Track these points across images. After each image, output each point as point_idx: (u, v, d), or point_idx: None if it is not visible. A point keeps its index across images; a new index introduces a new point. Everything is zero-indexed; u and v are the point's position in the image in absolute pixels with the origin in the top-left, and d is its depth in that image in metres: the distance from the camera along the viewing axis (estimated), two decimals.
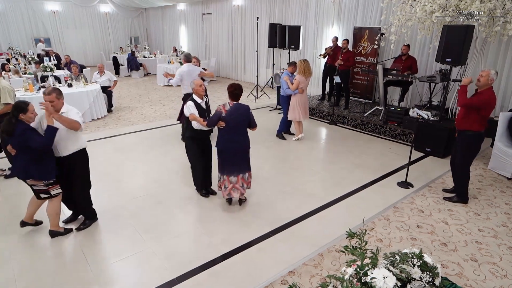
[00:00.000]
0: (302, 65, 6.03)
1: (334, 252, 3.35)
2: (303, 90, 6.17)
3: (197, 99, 4.07)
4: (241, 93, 3.88)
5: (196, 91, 4.09)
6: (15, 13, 15.56)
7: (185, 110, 4.01)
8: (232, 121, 3.79)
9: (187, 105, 4.02)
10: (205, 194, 4.39)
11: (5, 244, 3.46)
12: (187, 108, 4.00)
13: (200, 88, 4.07)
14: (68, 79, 8.04)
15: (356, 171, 5.23)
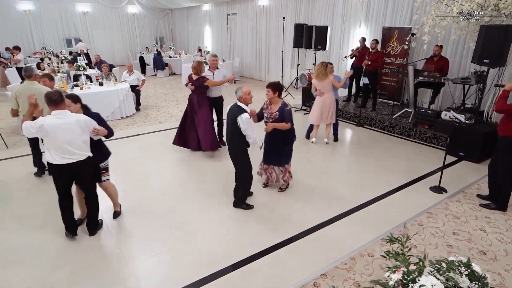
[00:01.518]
0: (316, 68, 5.96)
1: (367, 256, 3.29)
2: (322, 93, 6.00)
3: (246, 108, 3.79)
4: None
5: (244, 99, 3.78)
6: (49, 14, 16.19)
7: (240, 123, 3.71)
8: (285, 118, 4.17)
9: (243, 119, 3.69)
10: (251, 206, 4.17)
11: (42, 237, 3.60)
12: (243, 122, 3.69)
13: (248, 96, 3.79)
14: (99, 78, 8.28)
15: (386, 174, 5.11)
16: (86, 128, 3.27)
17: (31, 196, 4.46)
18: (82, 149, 3.28)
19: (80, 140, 3.24)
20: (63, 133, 3.13)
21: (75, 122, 3.18)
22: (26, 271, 3.09)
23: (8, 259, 3.25)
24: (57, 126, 3.11)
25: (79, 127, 3.21)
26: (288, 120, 4.08)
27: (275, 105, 4.14)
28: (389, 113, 7.68)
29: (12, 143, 6.36)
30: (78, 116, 3.25)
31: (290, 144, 4.34)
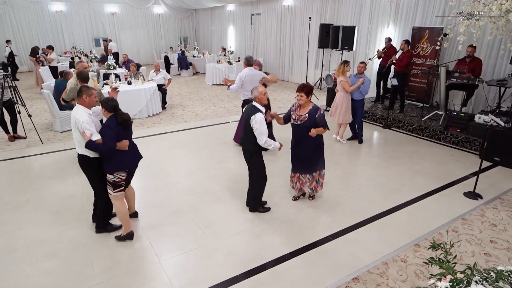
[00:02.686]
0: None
1: (400, 262, 3.21)
2: (337, 90, 6.16)
3: (261, 108, 3.72)
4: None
5: (259, 99, 3.73)
6: (79, 14, 16.76)
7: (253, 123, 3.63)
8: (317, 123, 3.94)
9: (256, 119, 3.60)
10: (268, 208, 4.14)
11: (76, 231, 3.72)
12: (257, 122, 3.60)
13: (264, 96, 3.73)
14: (128, 77, 8.49)
15: (416, 178, 4.98)
16: (77, 126, 3.22)
17: (65, 191, 4.62)
18: (76, 143, 3.35)
19: (75, 135, 3.31)
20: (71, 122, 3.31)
21: (73, 116, 3.25)
22: (61, 264, 3.20)
23: (44, 252, 3.37)
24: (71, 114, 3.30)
25: (74, 123, 3.25)
26: (323, 125, 3.86)
27: (304, 108, 3.89)
28: (417, 115, 7.49)
29: (46, 138, 6.62)
30: (76, 113, 3.23)
31: (318, 151, 4.02)
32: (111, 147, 3.18)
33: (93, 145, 3.14)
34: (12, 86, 6.00)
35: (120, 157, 3.29)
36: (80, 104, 3.28)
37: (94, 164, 3.37)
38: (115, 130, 3.21)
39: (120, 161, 3.30)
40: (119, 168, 3.30)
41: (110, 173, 3.29)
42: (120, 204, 3.45)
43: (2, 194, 4.50)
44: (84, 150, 3.30)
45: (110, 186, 3.35)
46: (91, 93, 3.28)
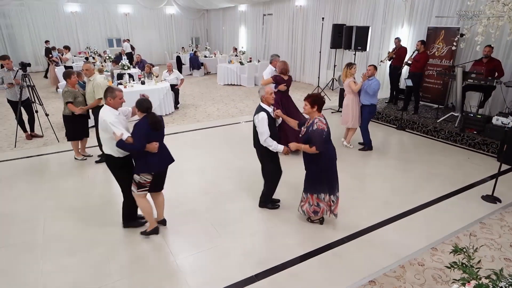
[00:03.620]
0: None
1: (417, 265, 3.17)
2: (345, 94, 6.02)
3: (267, 108, 3.71)
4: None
5: (266, 99, 3.71)
6: (93, 15, 17.02)
7: (256, 122, 3.66)
8: (329, 134, 3.52)
9: (259, 118, 3.63)
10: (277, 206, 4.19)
11: (95, 228, 3.78)
12: (258, 121, 3.62)
13: (270, 96, 3.70)
14: (141, 77, 8.58)
15: (433, 181, 4.91)
16: (103, 127, 3.31)
17: (82, 189, 4.70)
18: (104, 143, 3.42)
19: (102, 135, 3.39)
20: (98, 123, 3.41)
21: (100, 117, 3.32)
22: (80, 261, 3.25)
23: (63, 249, 3.43)
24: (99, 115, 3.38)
25: (100, 122, 3.34)
26: (314, 143, 3.40)
27: (310, 120, 3.58)
28: (432, 116, 7.38)
29: (62, 137, 6.71)
30: (104, 114, 3.30)
31: (313, 171, 3.60)
32: (140, 147, 3.20)
33: (123, 144, 3.18)
34: (30, 85, 6.13)
35: (147, 159, 3.29)
36: (106, 104, 3.35)
37: (119, 163, 3.43)
38: (145, 131, 3.20)
39: (147, 164, 3.29)
40: (145, 170, 3.30)
41: (136, 174, 3.33)
42: (143, 201, 3.48)
43: (21, 192, 4.59)
44: (108, 150, 3.37)
45: (134, 184, 3.39)
46: (115, 95, 3.32)
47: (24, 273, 3.09)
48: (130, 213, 3.74)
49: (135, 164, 3.38)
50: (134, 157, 3.37)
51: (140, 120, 3.27)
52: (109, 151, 3.38)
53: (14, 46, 15.37)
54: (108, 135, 3.30)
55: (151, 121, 3.23)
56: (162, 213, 3.77)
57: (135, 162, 3.38)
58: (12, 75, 6.03)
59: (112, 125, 3.20)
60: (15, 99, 6.14)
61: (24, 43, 15.54)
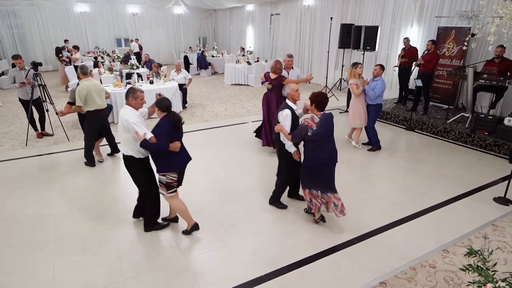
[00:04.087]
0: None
1: (428, 267, 3.13)
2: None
3: (292, 105, 3.83)
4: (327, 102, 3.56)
5: (291, 96, 3.83)
6: (102, 15, 17.17)
7: (280, 118, 3.78)
8: (326, 132, 3.47)
9: (283, 114, 3.73)
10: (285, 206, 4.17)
11: (106, 226, 3.81)
12: (282, 117, 3.73)
13: (296, 93, 3.83)
14: (150, 77, 8.63)
15: (443, 182, 4.86)
16: (126, 128, 3.25)
17: (92, 187, 4.74)
18: (125, 145, 3.37)
19: (122, 136, 3.33)
20: (118, 124, 3.38)
21: (121, 117, 3.27)
22: (90, 258, 3.28)
23: (74, 246, 3.46)
24: (119, 116, 3.36)
25: (121, 123, 3.28)
26: (292, 133, 3.57)
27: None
28: (442, 117, 7.31)
29: (72, 136, 6.80)
30: (125, 114, 3.25)
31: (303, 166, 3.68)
32: (165, 146, 3.20)
33: (147, 144, 3.17)
34: (41, 84, 6.19)
35: (171, 158, 3.30)
36: (127, 104, 3.33)
37: (140, 164, 3.43)
38: (168, 130, 3.21)
39: (171, 162, 3.31)
40: (170, 169, 3.31)
41: (162, 174, 3.31)
42: (177, 202, 3.51)
43: (32, 190, 4.65)
44: (129, 151, 3.34)
45: (163, 187, 3.37)
46: (136, 96, 3.30)
47: (37, 270, 3.12)
48: (153, 215, 3.68)
49: (156, 164, 3.32)
50: (156, 157, 3.32)
51: (161, 119, 3.27)
52: (130, 151, 3.35)
53: (25, 46, 15.57)
54: (130, 135, 3.27)
55: (172, 120, 3.24)
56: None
57: (156, 162, 3.32)
58: (24, 74, 6.10)
59: (135, 125, 3.17)
60: (27, 98, 6.21)
61: (34, 43, 15.74)
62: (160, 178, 3.35)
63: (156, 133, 3.21)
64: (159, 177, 3.36)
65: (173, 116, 3.27)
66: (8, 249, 3.40)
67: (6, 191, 4.58)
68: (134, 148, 3.32)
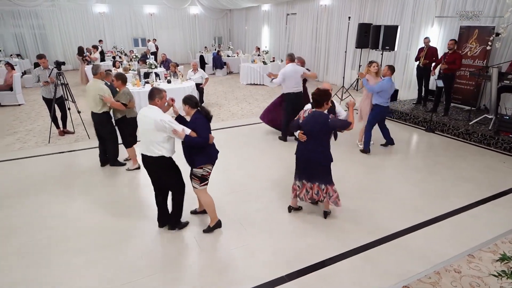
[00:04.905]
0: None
1: (453, 272, 3.06)
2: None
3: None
4: (324, 100, 3.52)
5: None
6: (120, 15, 17.47)
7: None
8: (307, 129, 3.57)
9: (304, 108, 3.86)
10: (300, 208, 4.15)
11: (127, 223, 3.87)
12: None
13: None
14: (167, 76, 8.73)
15: (464, 186, 4.74)
16: (160, 127, 3.19)
17: (113, 185, 4.82)
18: (155, 146, 3.29)
19: (153, 137, 3.26)
20: (143, 126, 3.32)
21: (153, 118, 3.19)
22: (113, 255, 3.34)
23: (94, 243, 3.53)
24: (142, 117, 3.32)
25: (154, 125, 3.19)
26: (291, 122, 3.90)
27: None
28: (464, 118, 7.13)
29: (92, 133, 6.92)
30: (158, 115, 3.21)
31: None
32: (207, 139, 3.30)
33: (191, 139, 3.24)
34: (64, 83, 6.34)
35: (208, 151, 3.42)
36: (153, 105, 3.30)
37: (171, 162, 3.47)
38: (205, 123, 3.32)
39: (208, 155, 3.43)
40: (208, 161, 3.43)
41: (199, 168, 3.40)
42: (206, 195, 3.59)
43: (54, 186, 4.76)
44: (162, 150, 3.31)
45: (196, 180, 3.45)
46: (162, 96, 3.32)
47: (57, 265, 3.19)
48: (180, 214, 3.72)
49: (194, 159, 3.38)
50: (194, 151, 3.37)
51: (194, 115, 3.35)
52: (162, 151, 3.31)
53: (46, 46, 15.99)
54: (165, 134, 3.25)
55: (205, 113, 3.37)
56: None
57: (194, 157, 3.37)
58: (48, 73, 6.27)
59: (172, 123, 3.19)
60: (50, 96, 6.37)
61: (55, 43, 16.14)
62: (195, 172, 3.43)
63: (196, 127, 3.29)
64: (194, 171, 3.43)
65: (205, 110, 3.41)
66: (32, 244, 3.49)
67: (29, 187, 4.71)
68: (167, 147, 3.33)
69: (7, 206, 4.20)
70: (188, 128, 3.26)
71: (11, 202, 4.30)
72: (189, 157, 3.43)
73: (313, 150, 3.62)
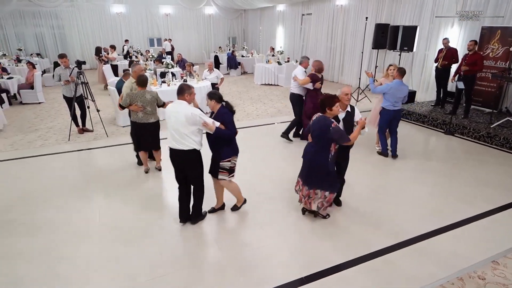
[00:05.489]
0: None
1: (477, 279, 2.99)
2: None
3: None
4: (327, 105, 3.41)
5: (340, 99, 3.71)
6: (136, 15, 17.72)
7: None
8: (312, 131, 3.63)
9: None
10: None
11: (147, 220, 3.92)
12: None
13: (345, 97, 3.76)
14: (184, 76, 8.80)
15: (487, 190, 4.63)
16: (191, 121, 3.32)
17: (133, 182, 4.88)
18: (186, 139, 3.41)
19: (184, 131, 3.37)
20: (173, 120, 3.41)
21: (184, 113, 3.32)
22: (134, 251, 3.38)
23: (116, 238, 3.59)
24: (171, 112, 3.43)
25: (185, 118, 3.32)
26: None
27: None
28: (484, 121, 6.97)
29: (110, 132, 7.05)
30: (189, 109, 3.35)
31: None
32: (235, 131, 3.52)
33: (221, 131, 3.43)
34: (84, 82, 6.47)
35: (233, 144, 3.64)
36: (182, 100, 3.43)
37: (200, 156, 3.60)
38: (231, 117, 3.52)
39: (233, 147, 3.65)
40: (234, 154, 3.66)
41: (227, 160, 3.61)
42: (234, 184, 3.88)
43: (76, 182, 4.86)
44: (193, 144, 3.43)
45: (225, 172, 3.66)
46: (191, 92, 3.46)
47: (82, 260, 3.25)
48: (201, 208, 3.85)
49: (222, 152, 3.57)
50: (222, 144, 3.55)
51: (221, 110, 3.51)
52: (193, 144, 3.44)
53: (65, 45, 16.36)
54: (196, 128, 3.39)
55: (230, 108, 3.55)
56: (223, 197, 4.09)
57: (222, 149, 3.56)
58: (68, 72, 6.40)
59: (202, 116, 3.34)
60: (70, 95, 6.50)
61: (73, 42, 16.49)
62: (223, 165, 3.62)
63: (225, 121, 3.45)
64: (222, 164, 3.61)
65: (229, 104, 3.58)
66: (57, 238, 3.57)
67: (51, 184, 4.81)
68: (197, 140, 3.46)
69: (31, 203, 4.31)
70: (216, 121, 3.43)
71: (34, 198, 4.41)
72: (216, 150, 3.60)
73: (312, 154, 3.62)
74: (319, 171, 3.60)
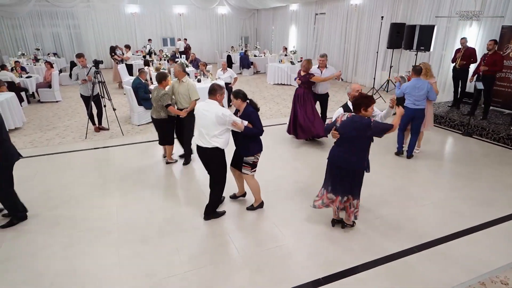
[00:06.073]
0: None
1: (500, 284, 2.92)
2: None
3: (350, 104, 3.80)
4: (364, 106, 3.27)
5: (351, 96, 3.93)
6: (150, 15, 17.90)
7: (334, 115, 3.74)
8: (344, 133, 3.35)
9: (335, 111, 3.81)
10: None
11: (165, 218, 3.96)
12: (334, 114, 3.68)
13: (357, 93, 3.76)
14: (198, 75, 8.85)
15: (509, 192, 4.52)
16: (221, 121, 3.42)
17: (149, 180, 4.93)
18: (212, 138, 3.51)
19: (212, 130, 3.49)
20: (202, 118, 3.52)
21: (214, 113, 3.42)
22: (152, 249, 3.42)
23: (135, 236, 3.63)
24: (202, 112, 3.53)
25: (216, 118, 3.41)
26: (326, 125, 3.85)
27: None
28: (505, 122, 6.80)
29: (125, 130, 7.14)
30: (219, 109, 3.45)
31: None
32: (263, 130, 3.64)
33: (250, 130, 3.56)
34: (101, 81, 6.56)
35: (258, 140, 3.78)
36: (214, 100, 3.52)
37: (223, 156, 3.68)
38: (257, 115, 3.63)
39: (259, 144, 3.79)
40: (258, 150, 3.79)
41: (252, 156, 3.75)
42: (255, 180, 3.95)
43: (94, 180, 4.94)
44: (220, 142, 3.53)
45: (248, 167, 3.81)
46: (222, 92, 3.59)
47: (101, 257, 3.30)
48: (217, 205, 3.97)
49: (248, 148, 3.70)
50: (249, 141, 3.68)
51: (247, 109, 3.62)
52: (218, 142, 3.54)
53: (81, 45, 16.64)
54: (224, 127, 3.49)
55: (254, 105, 3.67)
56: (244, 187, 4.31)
57: (248, 146, 3.69)
58: (86, 72, 6.50)
59: (232, 116, 3.46)
60: (87, 94, 6.62)
61: (89, 42, 16.76)
62: (247, 160, 3.77)
63: (253, 119, 3.58)
64: (246, 159, 3.76)
65: (254, 103, 3.69)
66: (76, 235, 3.63)
67: (70, 181, 4.90)
68: (223, 139, 3.56)
69: (51, 199, 4.39)
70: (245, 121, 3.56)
71: (54, 195, 4.50)
72: (244, 147, 3.72)
73: (346, 156, 3.37)
74: (356, 175, 3.41)
